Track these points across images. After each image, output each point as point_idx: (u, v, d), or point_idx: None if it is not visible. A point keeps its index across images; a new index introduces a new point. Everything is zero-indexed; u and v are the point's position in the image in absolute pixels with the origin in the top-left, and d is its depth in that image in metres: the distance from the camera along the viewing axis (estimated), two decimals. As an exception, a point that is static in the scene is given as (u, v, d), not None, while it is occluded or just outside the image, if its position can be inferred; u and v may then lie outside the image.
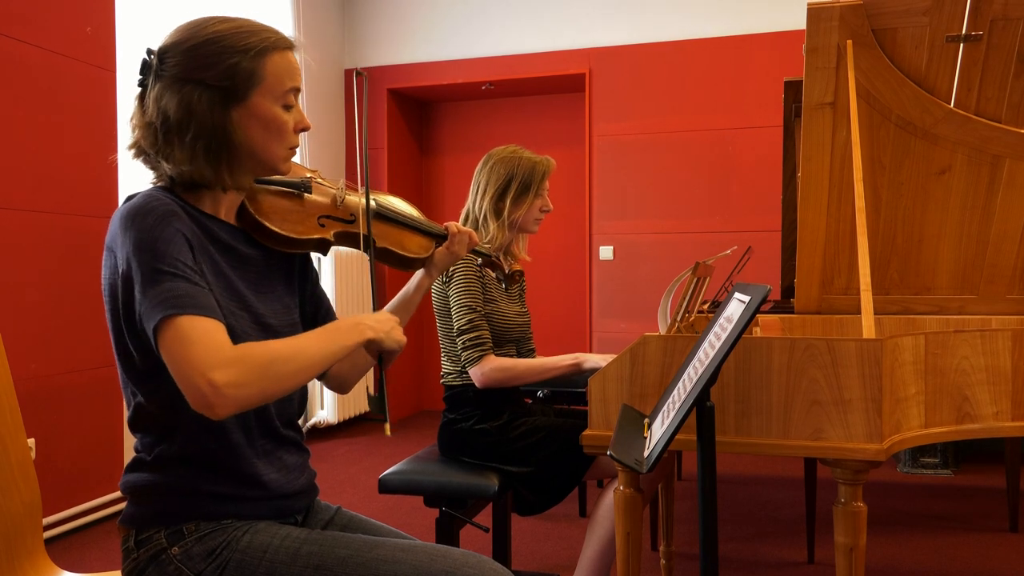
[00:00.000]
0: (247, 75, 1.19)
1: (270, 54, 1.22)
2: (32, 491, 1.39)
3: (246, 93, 1.19)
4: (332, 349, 1.17)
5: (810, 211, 2.34)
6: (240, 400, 1.05)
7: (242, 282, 1.25)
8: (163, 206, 1.14)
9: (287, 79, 1.23)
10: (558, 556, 2.90)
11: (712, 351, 1.22)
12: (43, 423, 2.98)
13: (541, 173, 2.25)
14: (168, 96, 1.17)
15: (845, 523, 1.58)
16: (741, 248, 3.54)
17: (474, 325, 2.12)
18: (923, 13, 2.04)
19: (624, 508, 1.70)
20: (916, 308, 2.48)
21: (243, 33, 1.21)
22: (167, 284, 1.08)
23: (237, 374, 1.04)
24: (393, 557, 1.16)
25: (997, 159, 2.23)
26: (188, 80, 1.17)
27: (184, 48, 1.19)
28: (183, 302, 1.07)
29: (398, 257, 1.48)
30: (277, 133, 1.23)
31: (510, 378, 2.12)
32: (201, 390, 1.03)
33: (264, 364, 1.08)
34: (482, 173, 2.26)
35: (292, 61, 1.26)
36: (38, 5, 3.03)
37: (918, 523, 3.23)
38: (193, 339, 1.05)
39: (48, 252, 3.06)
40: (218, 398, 1.03)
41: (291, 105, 1.25)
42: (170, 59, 1.19)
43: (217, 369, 1.03)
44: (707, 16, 4.74)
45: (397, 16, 5.37)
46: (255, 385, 1.06)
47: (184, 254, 1.12)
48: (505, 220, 2.22)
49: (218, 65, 1.18)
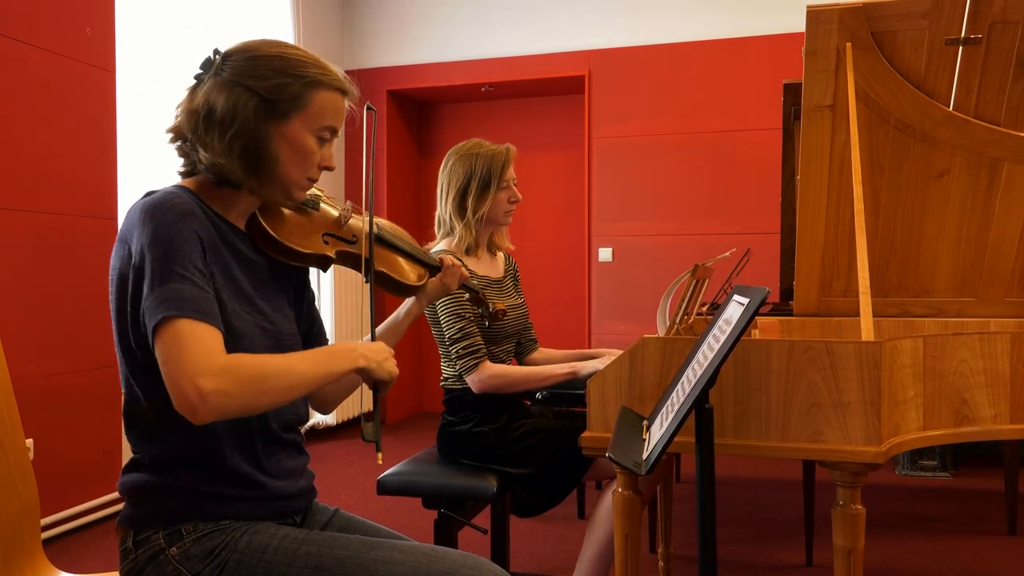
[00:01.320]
0: (293, 98, 1.23)
1: (321, 89, 1.26)
2: (30, 491, 1.39)
3: (287, 114, 1.24)
4: (323, 371, 1.18)
5: (809, 213, 2.34)
6: (223, 409, 1.06)
7: (251, 286, 1.27)
8: (183, 204, 1.17)
9: (328, 116, 1.27)
10: (556, 558, 2.90)
11: (711, 353, 1.22)
12: (41, 424, 2.98)
13: (500, 164, 2.20)
14: (218, 93, 1.21)
15: (843, 525, 1.58)
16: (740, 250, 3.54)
17: (465, 333, 2.12)
18: (922, 16, 2.04)
19: (623, 510, 1.70)
20: (915, 311, 2.48)
21: (304, 63, 1.26)
22: (174, 285, 1.10)
23: (225, 383, 1.06)
24: (391, 558, 1.16)
25: (996, 162, 2.23)
26: (240, 84, 1.21)
27: (247, 56, 1.24)
28: (186, 305, 1.09)
29: (393, 282, 1.53)
30: (301, 160, 1.26)
31: (507, 384, 2.12)
32: (187, 394, 1.04)
33: (253, 377, 1.09)
34: (443, 174, 2.25)
35: (339, 104, 1.30)
36: (38, 6, 3.03)
37: (916, 526, 3.23)
38: (188, 343, 1.06)
39: (47, 252, 3.06)
40: (202, 404, 1.04)
41: (325, 140, 1.29)
42: (232, 62, 1.23)
43: (206, 375, 1.05)
44: (706, 18, 4.75)
45: (397, 17, 5.37)
46: (241, 397, 1.08)
47: (196, 257, 1.14)
48: (471, 220, 2.20)
49: (271, 79, 1.22)
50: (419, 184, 5.77)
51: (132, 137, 3.53)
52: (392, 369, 1.27)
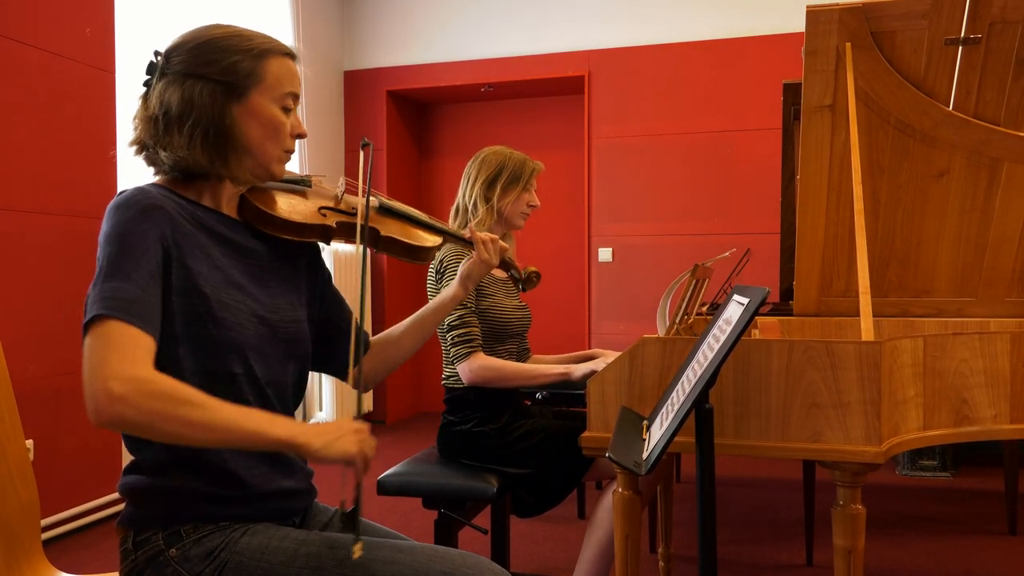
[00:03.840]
0: (247, 73, 1.22)
1: (270, 57, 1.25)
2: (30, 492, 1.39)
3: (246, 91, 1.22)
4: (251, 427, 1.07)
5: (809, 213, 2.34)
6: (125, 418, 1.00)
7: (242, 273, 1.25)
8: (147, 200, 1.15)
9: (286, 83, 1.26)
10: (556, 558, 2.90)
11: (711, 353, 1.22)
12: (42, 424, 2.98)
13: (531, 170, 2.30)
14: (171, 90, 1.20)
15: (844, 525, 1.58)
16: (740, 250, 3.54)
17: (464, 321, 2.12)
18: (922, 16, 2.04)
19: (623, 510, 1.70)
20: (915, 311, 2.48)
21: (245, 36, 1.25)
22: (117, 284, 1.07)
23: (135, 393, 1.00)
24: (391, 558, 1.16)
25: (996, 162, 2.23)
26: (191, 75, 1.20)
27: (189, 47, 1.22)
28: (123, 305, 1.06)
29: (405, 246, 1.43)
30: (274, 133, 1.25)
31: (497, 378, 2.12)
32: (96, 393, 1.00)
33: (167, 397, 1.02)
34: (472, 167, 2.33)
35: (292, 68, 1.28)
36: (38, 6, 3.03)
37: (916, 525, 3.23)
38: (115, 343, 1.03)
39: (47, 253, 3.06)
40: (107, 407, 0.99)
41: (289, 109, 1.27)
42: (175, 57, 1.22)
43: (119, 379, 1.00)
44: (706, 18, 4.75)
45: (396, 18, 5.37)
46: (146, 413, 1.01)
47: (149, 258, 1.11)
48: (494, 205, 2.26)
49: (220, 62, 1.21)
50: (419, 184, 5.77)
51: (127, 142, 3.52)
52: (344, 448, 1.11)
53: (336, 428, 1.13)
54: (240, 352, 1.20)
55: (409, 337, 1.52)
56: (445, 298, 1.56)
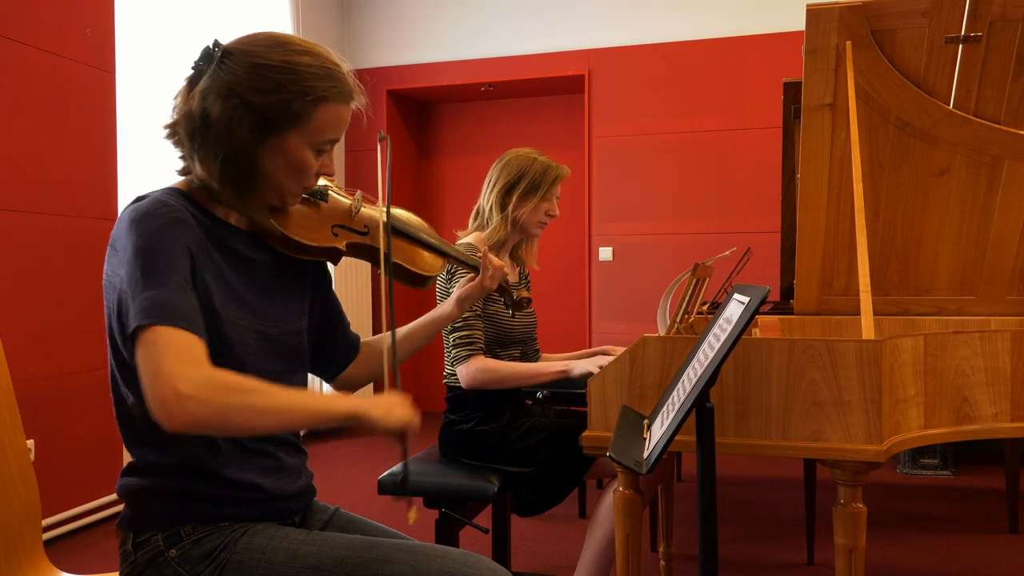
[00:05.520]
0: (294, 115, 1.18)
1: (326, 104, 1.20)
2: (31, 492, 1.39)
3: (285, 129, 1.18)
4: (313, 405, 1.11)
5: (809, 212, 2.34)
6: (198, 417, 1.00)
7: (248, 289, 1.25)
8: (171, 212, 1.14)
9: (330, 131, 1.22)
10: (557, 557, 2.90)
11: (711, 352, 1.22)
12: (42, 425, 2.98)
13: (553, 177, 2.27)
14: (214, 98, 1.16)
15: (845, 524, 1.58)
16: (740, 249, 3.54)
17: (467, 323, 2.12)
18: (922, 14, 2.04)
19: (624, 509, 1.70)
20: (915, 309, 2.48)
21: (313, 75, 1.18)
22: (157, 292, 1.06)
23: (204, 390, 1.00)
24: (391, 557, 1.16)
25: (996, 160, 2.23)
26: (238, 95, 1.15)
27: (250, 62, 1.17)
28: (167, 312, 1.05)
29: (407, 273, 1.46)
30: (298, 174, 1.23)
31: (496, 380, 2.11)
32: (164, 396, 0.99)
33: (234, 389, 1.04)
34: (494, 170, 2.29)
35: (344, 115, 1.24)
36: (38, 7, 3.03)
37: (918, 524, 3.23)
38: (169, 348, 1.03)
39: (48, 253, 3.06)
40: (178, 408, 0.99)
41: (324, 151, 1.24)
42: (233, 63, 1.17)
43: (185, 380, 1.00)
44: (706, 17, 4.75)
45: (397, 17, 5.37)
46: (217, 406, 1.01)
47: (181, 265, 1.11)
48: (509, 214, 2.23)
49: (272, 95, 1.16)
50: (419, 184, 5.76)
51: (132, 137, 3.53)
52: (400, 417, 1.17)
53: (388, 400, 1.18)
54: (242, 370, 1.20)
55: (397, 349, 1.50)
56: (438, 316, 1.55)
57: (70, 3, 3.16)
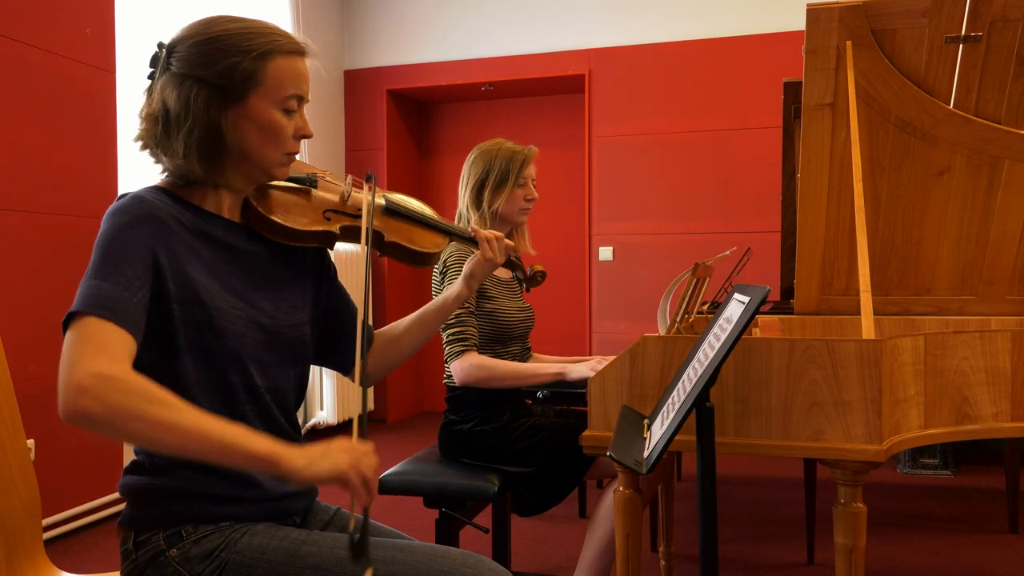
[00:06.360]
0: (246, 76, 1.18)
1: (273, 57, 1.20)
2: (31, 492, 1.39)
3: (243, 94, 1.19)
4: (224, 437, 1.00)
5: (809, 212, 2.34)
6: (89, 412, 0.96)
7: (241, 279, 1.24)
8: (142, 208, 1.14)
9: (289, 85, 1.22)
10: (558, 557, 2.90)
11: (711, 352, 1.22)
12: (42, 424, 2.98)
13: (520, 162, 2.25)
14: (170, 90, 1.17)
15: (845, 524, 1.58)
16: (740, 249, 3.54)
17: (460, 320, 2.11)
18: (922, 14, 2.04)
19: (624, 509, 1.70)
20: (915, 309, 2.48)
21: (249, 34, 1.20)
22: (99, 282, 1.07)
23: (105, 387, 0.96)
24: (392, 557, 1.16)
25: (996, 160, 2.23)
26: (189, 76, 1.17)
27: (190, 43, 1.19)
28: (103, 303, 1.05)
29: (406, 251, 1.43)
30: (273, 137, 1.22)
31: (490, 378, 2.10)
32: (66, 385, 0.97)
33: (135, 393, 0.98)
34: (464, 168, 2.31)
35: (299, 67, 1.23)
36: (38, 6, 3.03)
37: (918, 524, 3.23)
38: (91, 340, 1.01)
39: (48, 253, 3.06)
40: (72, 400, 0.95)
41: (292, 111, 1.23)
42: (177, 53, 1.19)
43: (89, 374, 0.97)
44: (706, 17, 4.75)
45: (396, 17, 5.37)
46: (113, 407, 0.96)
47: (137, 261, 1.10)
48: (486, 211, 2.24)
49: (218, 63, 1.17)
50: (419, 184, 5.76)
51: (132, 137, 3.52)
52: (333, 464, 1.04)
53: (323, 446, 1.05)
54: (239, 361, 1.20)
55: (411, 335, 1.50)
56: (448, 297, 1.53)
57: (70, 3, 3.16)
